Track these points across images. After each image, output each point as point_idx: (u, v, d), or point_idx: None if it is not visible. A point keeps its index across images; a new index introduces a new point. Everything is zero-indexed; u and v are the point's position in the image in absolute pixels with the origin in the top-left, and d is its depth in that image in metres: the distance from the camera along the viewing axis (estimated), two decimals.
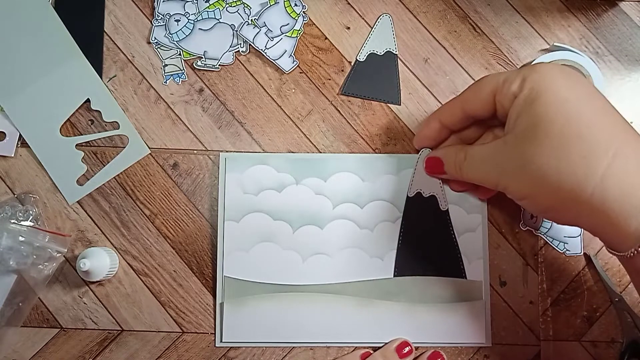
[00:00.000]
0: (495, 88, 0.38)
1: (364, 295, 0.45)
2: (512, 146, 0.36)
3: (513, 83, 0.36)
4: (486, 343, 0.45)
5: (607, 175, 0.33)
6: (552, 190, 0.34)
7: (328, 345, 0.45)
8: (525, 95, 0.35)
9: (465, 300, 0.45)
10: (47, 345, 0.45)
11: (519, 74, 0.36)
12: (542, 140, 0.34)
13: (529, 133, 0.35)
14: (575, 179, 0.33)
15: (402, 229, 0.46)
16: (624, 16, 0.49)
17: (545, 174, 0.34)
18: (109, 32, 0.48)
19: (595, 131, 0.33)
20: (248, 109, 0.48)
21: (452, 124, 0.42)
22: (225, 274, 0.45)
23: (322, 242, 0.45)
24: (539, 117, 0.34)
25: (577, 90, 0.35)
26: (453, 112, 0.42)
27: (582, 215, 0.34)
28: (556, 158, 0.33)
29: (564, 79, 0.35)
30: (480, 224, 0.46)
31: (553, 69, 0.36)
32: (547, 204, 0.36)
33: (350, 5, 0.49)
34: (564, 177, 0.33)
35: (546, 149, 0.34)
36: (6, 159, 0.47)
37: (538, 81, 0.35)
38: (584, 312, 0.46)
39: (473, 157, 0.40)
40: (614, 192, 0.33)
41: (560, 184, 0.34)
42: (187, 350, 0.45)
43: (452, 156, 0.42)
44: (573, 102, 0.34)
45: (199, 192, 0.47)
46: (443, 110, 0.43)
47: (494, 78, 0.38)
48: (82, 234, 0.46)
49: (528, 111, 0.35)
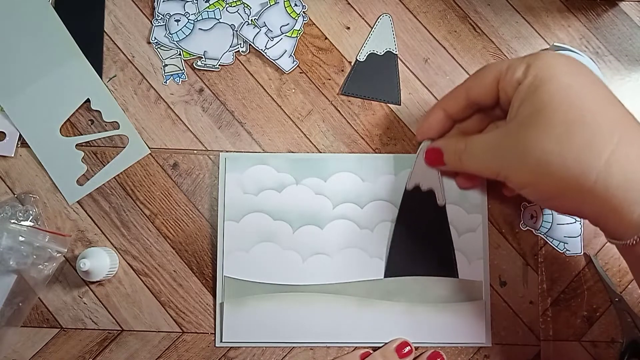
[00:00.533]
0: (498, 75, 0.37)
1: (364, 295, 0.45)
2: (514, 133, 0.36)
3: (517, 70, 0.36)
4: (486, 343, 0.45)
5: (611, 161, 0.32)
6: (555, 178, 0.34)
7: (328, 345, 0.45)
8: (529, 82, 0.35)
9: (465, 300, 0.45)
10: (47, 345, 0.45)
11: (523, 61, 0.36)
12: (545, 127, 0.34)
13: (532, 120, 0.34)
14: (579, 166, 0.33)
15: (397, 224, 0.45)
16: (624, 16, 0.49)
17: (548, 160, 0.34)
18: (109, 32, 0.48)
19: (599, 118, 0.33)
20: (248, 109, 0.48)
21: (455, 112, 0.42)
22: (225, 274, 0.45)
23: (322, 242, 0.45)
24: (543, 104, 0.34)
25: (581, 78, 0.35)
26: (456, 100, 0.41)
27: (585, 203, 0.34)
28: (559, 144, 0.33)
29: (567, 66, 0.35)
30: (480, 224, 0.46)
31: (557, 56, 0.36)
32: (549, 192, 0.35)
33: (350, 5, 0.49)
34: (567, 163, 0.33)
35: (549, 136, 0.33)
36: (6, 159, 0.47)
37: (542, 68, 0.35)
38: (584, 312, 0.46)
39: (473, 146, 0.39)
40: (617, 179, 0.32)
41: (563, 171, 0.33)
42: (187, 350, 0.45)
43: (452, 146, 0.41)
44: (577, 90, 0.34)
45: (199, 192, 0.47)
46: (446, 98, 0.42)
47: (497, 65, 0.38)
48: (82, 234, 0.46)
49: (531, 98, 0.35)
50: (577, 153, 0.33)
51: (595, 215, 0.35)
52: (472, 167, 0.40)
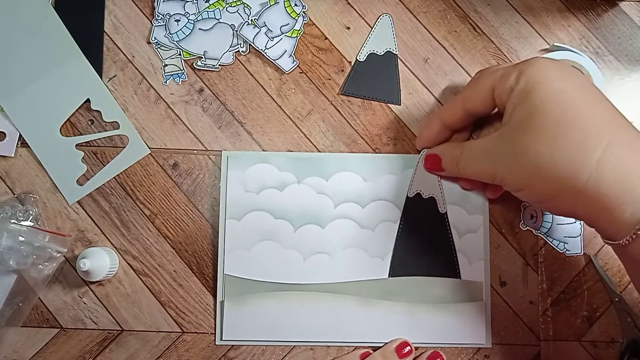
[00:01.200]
0: (493, 83, 0.38)
1: (365, 295, 0.45)
2: (508, 137, 0.37)
3: (510, 77, 0.37)
4: (486, 344, 0.45)
5: (601, 161, 0.33)
6: (548, 180, 0.35)
7: (328, 345, 0.45)
8: (521, 88, 0.36)
9: (465, 301, 0.45)
10: (47, 345, 0.45)
11: (516, 68, 0.37)
12: (537, 130, 0.35)
13: (525, 124, 0.35)
14: (571, 167, 0.34)
15: (400, 229, 0.46)
16: (624, 16, 0.49)
17: (541, 163, 0.34)
18: (109, 32, 0.48)
19: (589, 120, 0.34)
20: (248, 109, 0.48)
21: (453, 123, 0.43)
22: (226, 272, 0.45)
23: (323, 242, 0.45)
24: (535, 108, 0.35)
25: (572, 82, 0.35)
26: (454, 111, 0.42)
27: (578, 203, 0.35)
28: (551, 147, 0.34)
29: (559, 71, 0.36)
30: (481, 225, 0.46)
31: (549, 62, 0.37)
32: (543, 194, 0.36)
33: (350, 5, 0.49)
34: (559, 165, 0.34)
35: (542, 138, 0.34)
36: (6, 159, 0.47)
37: (534, 74, 0.36)
38: (584, 312, 0.46)
39: (469, 151, 0.40)
40: (609, 179, 0.33)
41: (556, 173, 0.34)
42: (187, 350, 0.45)
43: (449, 152, 0.43)
44: (568, 94, 0.35)
45: (199, 192, 0.47)
46: (444, 110, 0.44)
47: (492, 74, 0.39)
48: (82, 234, 0.46)
49: (524, 103, 0.36)
50: (568, 155, 0.34)
51: (589, 216, 0.35)
52: (469, 171, 0.41)
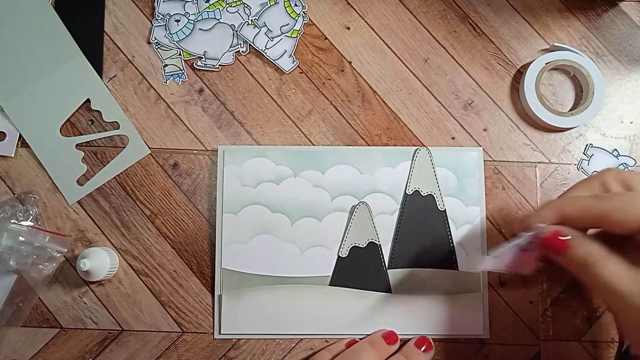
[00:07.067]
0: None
1: (362, 287, 0.45)
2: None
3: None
4: (484, 335, 0.45)
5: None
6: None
7: (326, 338, 0.45)
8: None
9: (462, 293, 0.45)
10: (47, 345, 0.45)
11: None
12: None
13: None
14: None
15: (398, 225, 0.46)
16: (624, 16, 0.49)
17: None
18: (109, 32, 0.48)
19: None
20: (248, 109, 0.48)
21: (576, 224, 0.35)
22: (224, 266, 0.45)
23: (320, 235, 0.46)
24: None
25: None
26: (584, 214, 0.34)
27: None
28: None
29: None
30: (478, 216, 0.46)
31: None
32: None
33: (350, 5, 0.49)
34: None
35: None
36: (6, 159, 0.47)
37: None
38: (584, 312, 0.46)
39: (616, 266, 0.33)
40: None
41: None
42: (187, 350, 0.45)
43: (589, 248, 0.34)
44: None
45: (199, 192, 0.47)
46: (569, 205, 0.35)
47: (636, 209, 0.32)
48: (82, 234, 0.46)
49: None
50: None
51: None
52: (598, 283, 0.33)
